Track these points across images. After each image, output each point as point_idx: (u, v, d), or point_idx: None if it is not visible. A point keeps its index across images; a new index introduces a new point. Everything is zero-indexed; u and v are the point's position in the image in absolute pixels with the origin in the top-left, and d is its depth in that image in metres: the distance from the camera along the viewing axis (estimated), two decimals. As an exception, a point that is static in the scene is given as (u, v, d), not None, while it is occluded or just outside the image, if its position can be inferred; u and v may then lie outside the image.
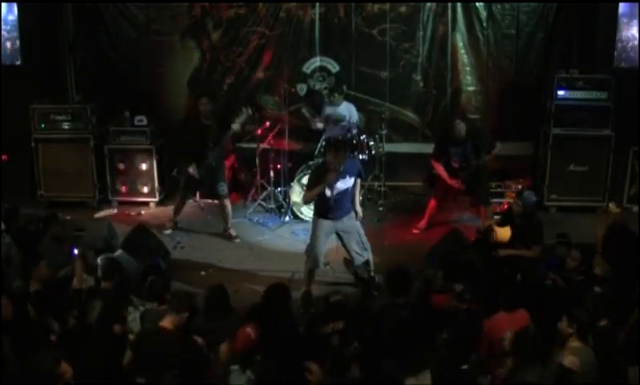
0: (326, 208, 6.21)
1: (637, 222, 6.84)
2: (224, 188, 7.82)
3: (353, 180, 6.25)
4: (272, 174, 8.57)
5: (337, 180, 6.05)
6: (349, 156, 6.44)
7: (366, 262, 6.54)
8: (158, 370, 4.34)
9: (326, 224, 6.28)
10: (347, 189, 6.22)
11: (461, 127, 7.39)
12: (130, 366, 4.62)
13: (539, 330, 4.61)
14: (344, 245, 6.45)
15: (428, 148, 8.77)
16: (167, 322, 4.62)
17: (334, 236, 6.41)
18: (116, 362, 4.66)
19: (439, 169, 7.64)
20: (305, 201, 6.41)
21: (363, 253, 6.46)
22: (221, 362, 4.55)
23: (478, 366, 4.48)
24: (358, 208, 6.48)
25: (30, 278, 5.54)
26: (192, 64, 9.53)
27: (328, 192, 6.06)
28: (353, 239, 6.37)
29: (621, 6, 8.59)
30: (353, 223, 6.40)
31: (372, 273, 6.60)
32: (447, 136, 7.61)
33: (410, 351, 4.28)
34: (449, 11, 9.09)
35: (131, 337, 5.04)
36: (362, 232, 6.49)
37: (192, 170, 7.67)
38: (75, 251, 6.19)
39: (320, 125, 8.82)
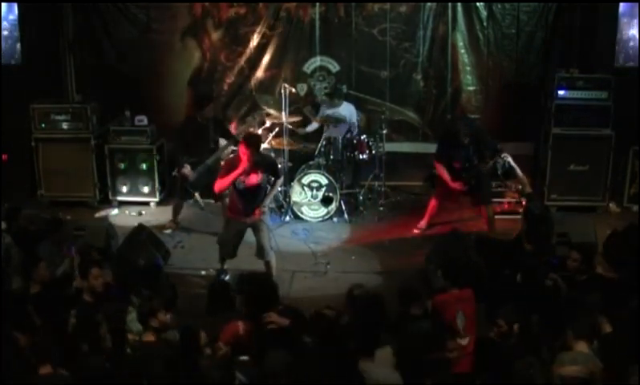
0: (237, 203, 6.39)
1: (638, 222, 6.85)
2: None
3: (264, 176, 6.34)
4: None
5: (247, 172, 6.19)
6: (264, 153, 6.75)
7: (267, 264, 6.60)
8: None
9: (236, 220, 6.48)
10: (259, 186, 6.34)
11: (465, 136, 7.39)
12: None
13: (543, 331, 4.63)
14: (256, 238, 6.56)
15: (428, 148, 8.81)
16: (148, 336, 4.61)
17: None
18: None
19: (441, 171, 7.64)
20: (219, 190, 6.54)
21: (268, 252, 6.53)
22: (219, 357, 4.55)
23: None
24: (265, 204, 6.53)
25: (31, 279, 5.53)
26: (192, 64, 9.52)
27: (239, 184, 6.25)
28: (263, 236, 6.50)
29: (621, 6, 8.58)
30: (263, 222, 6.52)
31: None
32: (450, 138, 7.61)
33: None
34: (449, 11, 9.08)
35: (130, 336, 5.05)
36: (268, 234, 6.57)
37: (186, 171, 7.67)
38: (74, 250, 6.18)
39: (311, 128, 8.83)
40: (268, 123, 8.67)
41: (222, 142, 7.90)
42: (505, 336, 4.82)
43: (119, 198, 8.97)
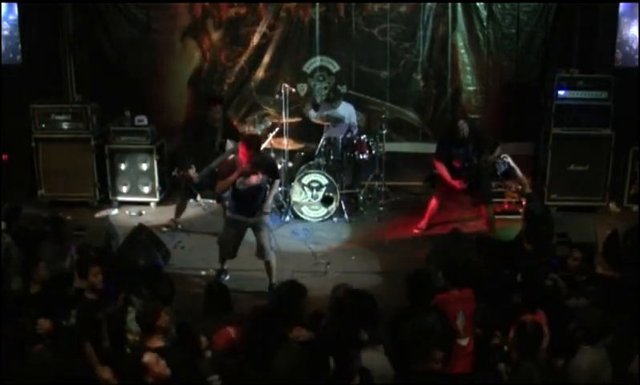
0: (237, 204, 6.39)
1: (637, 222, 6.85)
2: None
3: (264, 177, 6.34)
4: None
5: (248, 174, 6.20)
6: (263, 154, 6.77)
7: (267, 264, 6.60)
8: None
9: (236, 220, 6.46)
10: (260, 187, 6.35)
11: (464, 127, 7.41)
12: None
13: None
14: (256, 238, 6.55)
15: (428, 148, 8.81)
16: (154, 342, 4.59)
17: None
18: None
19: (442, 169, 7.64)
20: (219, 191, 6.56)
21: (268, 252, 6.52)
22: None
23: None
24: (266, 205, 6.51)
25: (30, 280, 5.53)
26: (192, 64, 9.53)
27: (240, 185, 6.25)
28: (264, 236, 6.49)
29: (621, 6, 8.60)
30: (263, 222, 6.52)
31: (273, 280, 6.60)
32: (450, 136, 7.61)
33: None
34: (449, 11, 9.10)
35: (129, 337, 5.04)
36: (268, 234, 6.57)
37: (191, 172, 7.66)
38: (73, 249, 6.18)
39: (312, 114, 8.82)
40: (269, 123, 8.67)
41: (229, 144, 7.88)
42: (485, 339, 4.83)
43: (119, 198, 8.97)
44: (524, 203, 7.94)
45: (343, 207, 8.41)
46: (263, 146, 8.53)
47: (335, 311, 4.66)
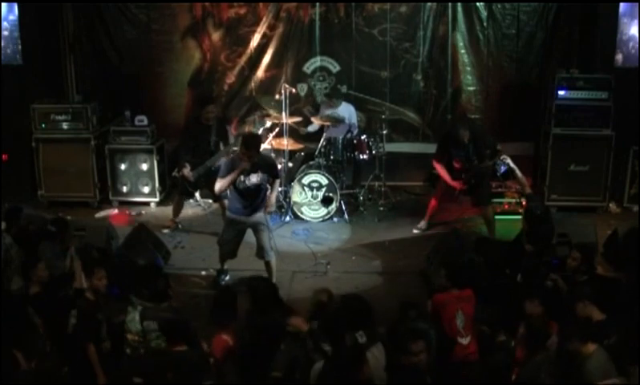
0: (237, 204, 6.38)
1: (637, 222, 6.85)
2: None
3: (264, 176, 6.33)
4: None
5: (248, 172, 6.20)
6: (263, 153, 6.75)
7: (267, 264, 6.58)
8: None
9: (236, 220, 6.44)
10: (260, 186, 6.34)
11: (464, 134, 7.39)
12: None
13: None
14: (256, 238, 6.54)
15: (429, 148, 8.81)
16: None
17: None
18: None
19: (441, 170, 7.65)
20: (218, 190, 6.55)
21: (268, 252, 6.52)
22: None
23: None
24: (271, 202, 6.52)
25: (30, 280, 5.52)
26: (192, 64, 9.53)
27: (240, 184, 6.23)
28: (264, 236, 6.47)
29: (622, 6, 8.60)
30: (263, 222, 6.50)
31: (273, 280, 6.54)
32: (450, 138, 7.61)
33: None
34: (449, 11, 9.11)
35: (129, 337, 5.03)
36: (268, 235, 6.54)
37: (186, 171, 7.66)
38: (73, 249, 6.18)
39: (312, 129, 8.85)
40: (269, 124, 8.65)
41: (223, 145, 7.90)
42: (491, 337, 4.84)
43: (119, 198, 8.97)
44: (524, 203, 7.94)
45: (343, 207, 8.41)
46: (263, 146, 8.57)
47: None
